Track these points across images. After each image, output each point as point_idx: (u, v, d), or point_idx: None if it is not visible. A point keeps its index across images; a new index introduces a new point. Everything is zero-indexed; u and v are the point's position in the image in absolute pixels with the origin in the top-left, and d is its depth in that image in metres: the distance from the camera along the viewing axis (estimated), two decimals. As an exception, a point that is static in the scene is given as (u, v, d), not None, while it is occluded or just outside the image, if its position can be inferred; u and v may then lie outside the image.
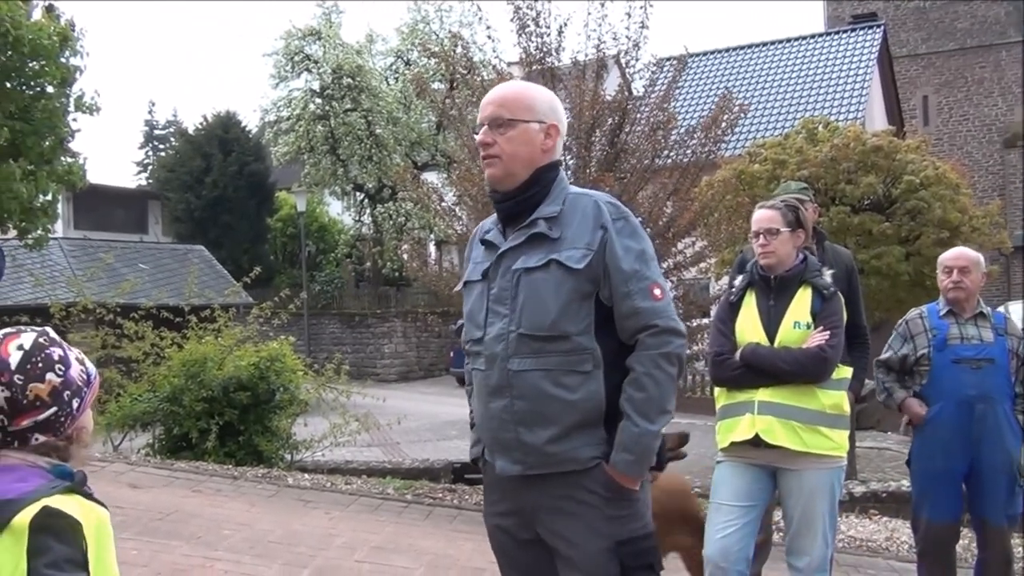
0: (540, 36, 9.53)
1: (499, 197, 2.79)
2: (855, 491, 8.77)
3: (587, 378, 2.63)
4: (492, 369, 2.70)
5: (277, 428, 9.26)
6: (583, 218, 2.69)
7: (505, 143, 2.72)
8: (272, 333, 10.20)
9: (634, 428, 2.61)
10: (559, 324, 2.62)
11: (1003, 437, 5.09)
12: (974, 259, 5.28)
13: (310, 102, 31.36)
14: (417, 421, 17.81)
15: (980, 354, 5.09)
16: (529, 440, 2.65)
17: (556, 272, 2.64)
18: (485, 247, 2.83)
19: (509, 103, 2.76)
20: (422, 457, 11.94)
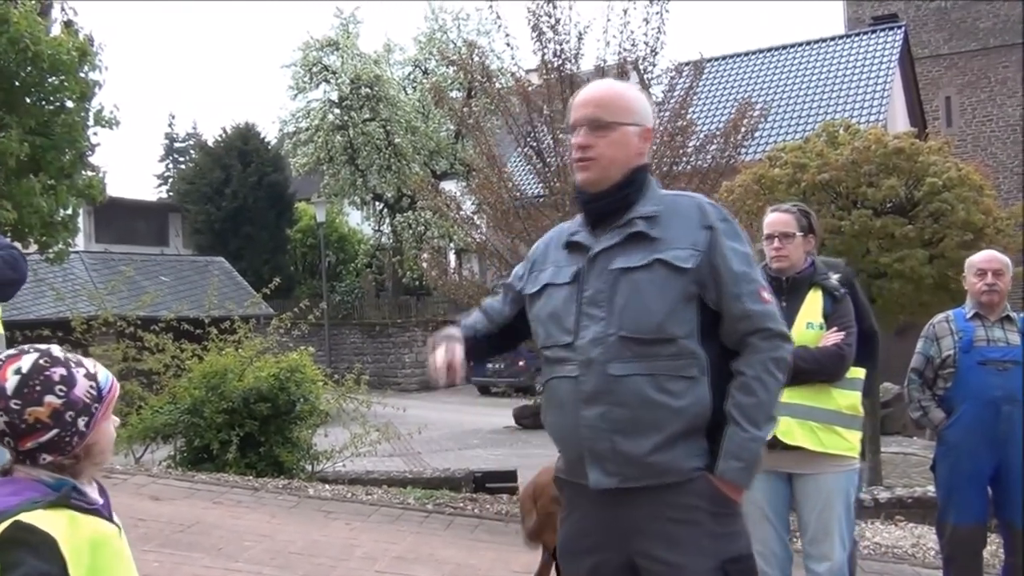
0: (559, 43, 9.55)
1: (588, 197, 2.68)
2: (880, 497, 8.71)
3: (693, 384, 2.50)
4: (587, 374, 2.52)
5: (298, 439, 9.29)
6: (685, 219, 2.60)
7: (605, 146, 2.62)
8: (292, 344, 10.23)
9: (743, 434, 2.49)
10: (665, 326, 2.49)
11: (1030, 439, 5.07)
12: (1006, 262, 5.31)
13: (328, 112, 31.53)
14: (438, 431, 17.81)
15: (1006, 356, 5.10)
16: (627, 449, 2.48)
17: (661, 272, 2.52)
18: (571, 249, 2.70)
19: (608, 104, 2.66)
20: (443, 467, 11.93)
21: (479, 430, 19.83)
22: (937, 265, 9.99)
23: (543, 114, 9.58)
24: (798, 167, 10.50)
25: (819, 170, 10.29)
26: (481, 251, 10.40)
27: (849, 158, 10.26)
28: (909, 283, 10.02)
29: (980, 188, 10.43)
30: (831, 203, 10.33)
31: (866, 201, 10.16)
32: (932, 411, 5.27)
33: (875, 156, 10.21)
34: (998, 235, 10.30)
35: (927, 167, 10.26)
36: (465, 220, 10.57)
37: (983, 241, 10.00)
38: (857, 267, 10.13)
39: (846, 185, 10.30)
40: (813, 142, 11.12)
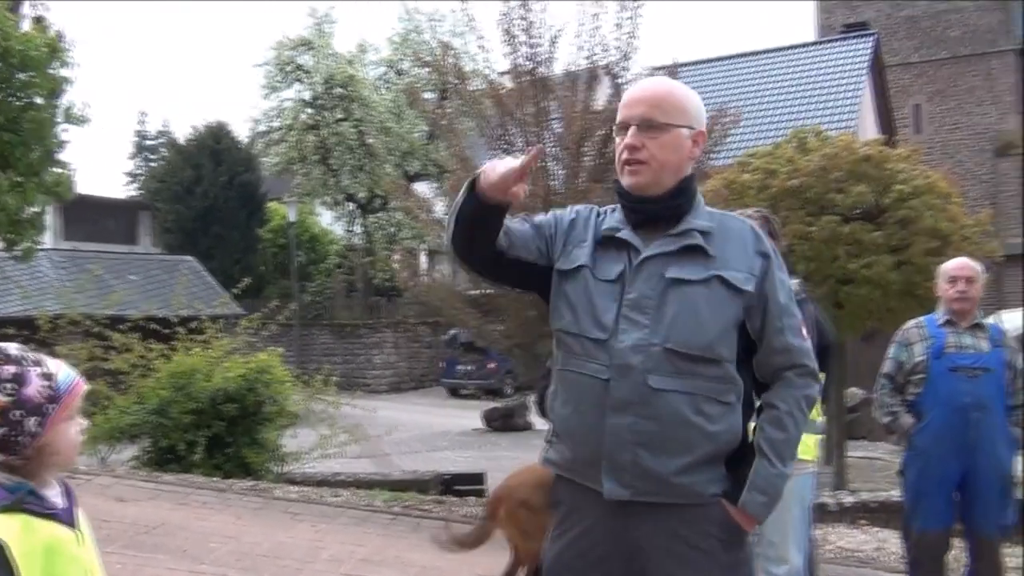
0: (532, 46, 9.54)
1: (637, 200, 2.53)
2: (845, 501, 8.78)
3: (729, 410, 2.43)
4: (623, 381, 2.39)
5: (265, 440, 9.25)
6: (740, 241, 2.51)
7: (657, 149, 2.48)
8: (261, 344, 10.19)
9: (772, 469, 2.44)
10: (715, 346, 2.40)
11: (996, 446, 5.13)
12: (977, 269, 5.36)
13: (301, 112, 31.41)
14: (407, 432, 17.79)
15: (976, 363, 5.15)
16: (651, 466, 2.38)
17: (719, 290, 2.43)
18: (613, 245, 2.53)
19: (663, 104, 2.51)
20: (411, 469, 11.92)
21: (448, 432, 19.81)
22: (904, 271, 10.07)
23: (515, 117, 9.57)
24: (768, 173, 10.57)
25: (789, 176, 10.36)
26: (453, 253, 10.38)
27: (819, 164, 10.33)
28: (876, 289, 10.10)
29: (947, 196, 10.53)
30: (800, 209, 10.38)
31: (835, 207, 10.23)
32: (902, 416, 5.31)
33: (844, 163, 10.29)
34: (964, 242, 10.39)
35: (895, 174, 10.34)
36: (436, 222, 10.55)
37: (950, 248, 10.08)
38: (825, 273, 10.21)
39: (815, 191, 10.36)
40: (783, 148, 11.20)
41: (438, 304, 9.78)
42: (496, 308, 9.50)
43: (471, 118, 10.55)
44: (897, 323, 8.69)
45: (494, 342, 9.92)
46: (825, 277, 10.18)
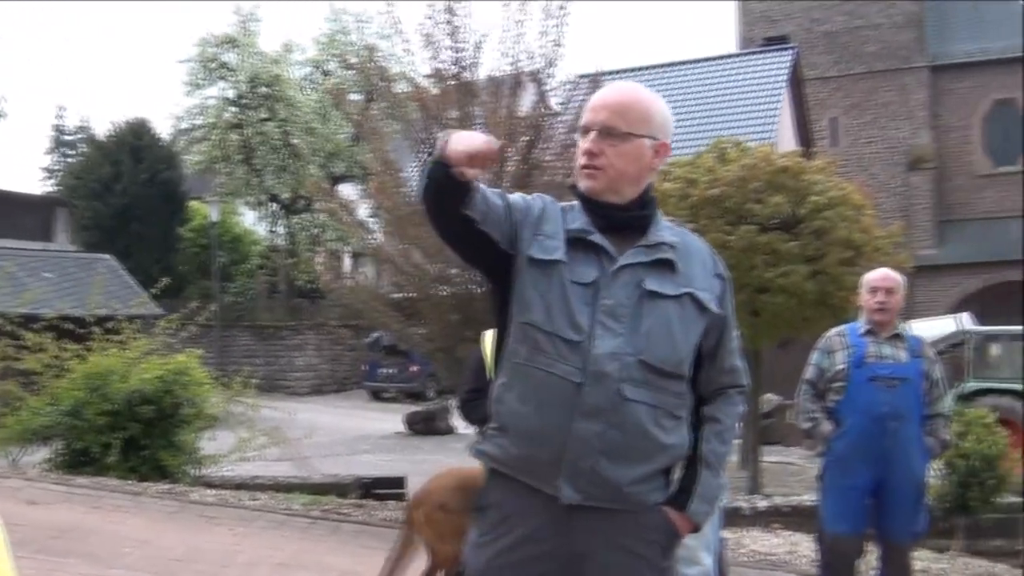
0: (456, 51, 9.55)
1: (601, 206, 2.48)
2: (759, 505, 8.93)
3: (680, 424, 2.47)
4: (597, 387, 2.35)
5: (182, 443, 9.10)
6: (701, 261, 2.53)
7: (615, 157, 2.46)
8: (180, 345, 10.03)
9: (715, 480, 2.53)
10: (683, 363, 2.44)
11: (911, 456, 5.26)
12: (898, 281, 5.47)
13: (225, 110, 31.00)
14: (328, 435, 17.64)
15: (895, 373, 5.25)
16: (608, 475, 2.36)
17: (690, 308, 2.45)
18: (585, 247, 2.45)
19: (626, 112, 2.49)
20: (332, 472, 11.83)
21: (369, 435, 19.70)
22: (819, 281, 10.29)
23: (440, 121, 9.58)
24: (689, 182, 10.72)
25: (709, 185, 10.52)
26: (376, 256, 10.35)
27: (738, 175, 10.51)
28: (792, 298, 10.30)
29: (861, 207, 10.78)
30: (720, 218, 10.55)
31: (753, 217, 10.41)
32: (822, 423, 5.41)
33: (762, 173, 10.48)
34: (876, 253, 10.65)
35: (811, 185, 10.56)
36: (360, 224, 10.50)
37: (862, 259, 10.33)
38: (743, 281, 10.37)
39: (734, 201, 10.54)
40: (704, 158, 11.37)
41: (361, 307, 9.73)
42: (418, 311, 9.49)
43: (396, 121, 10.52)
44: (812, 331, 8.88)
45: (416, 345, 9.90)
46: (743, 286, 10.34)
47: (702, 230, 10.08)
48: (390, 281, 10.43)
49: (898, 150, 36.04)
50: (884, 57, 36.34)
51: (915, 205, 35.08)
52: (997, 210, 35.31)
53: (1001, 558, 8.73)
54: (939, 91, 36.31)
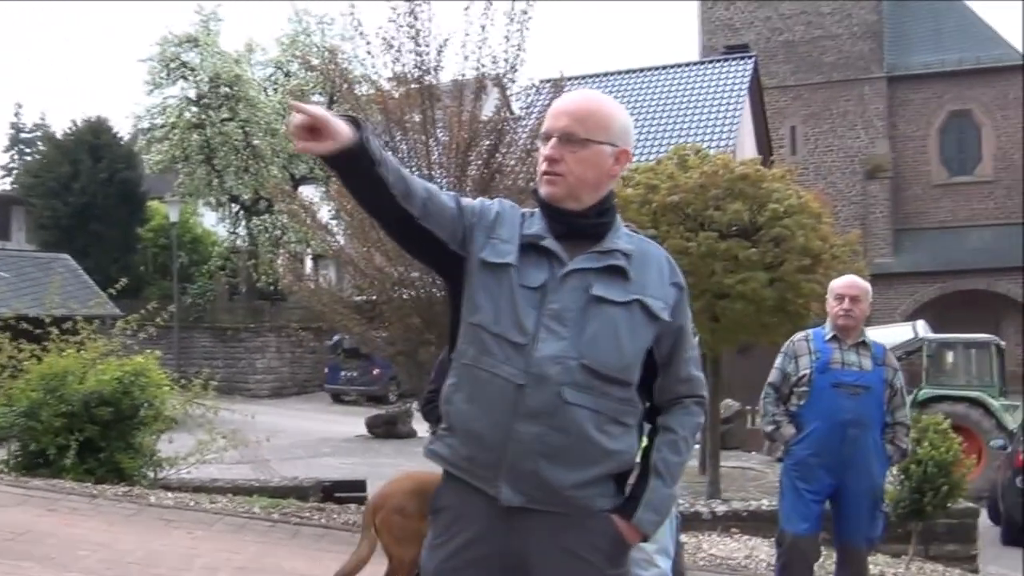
0: (419, 54, 9.54)
1: (560, 212, 2.51)
2: (717, 510, 8.98)
3: (628, 431, 2.46)
4: (538, 390, 2.37)
5: (140, 445, 9.01)
6: (657, 269, 2.54)
7: (575, 163, 2.47)
8: (139, 347, 9.92)
9: (665, 490, 2.52)
10: (628, 370, 2.44)
11: (870, 463, 5.33)
12: (865, 288, 5.52)
13: (186, 110, 30.73)
14: (289, 438, 17.55)
15: (858, 381, 5.32)
16: (549, 478, 2.37)
17: (639, 315, 2.45)
18: (536, 251, 2.48)
19: (587, 119, 2.50)
20: (292, 475, 11.76)
21: (330, 438, 19.61)
22: (777, 288, 10.38)
23: (402, 125, 9.56)
24: (650, 188, 10.77)
25: (669, 192, 10.58)
26: (337, 258, 10.30)
27: (698, 181, 10.58)
28: (751, 304, 10.38)
29: (818, 216, 10.89)
30: (680, 224, 10.62)
31: (713, 224, 10.48)
32: (784, 426, 5.46)
33: (722, 180, 10.55)
34: (834, 261, 10.76)
35: (770, 193, 10.65)
36: (321, 226, 10.45)
37: (820, 266, 10.43)
38: (703, 287, 10.45)
39: (694, 207, 10.61)
40: (664, 164, 11.44)
41: (322, 309, 9.67)
42: (380, 315, 9.47)
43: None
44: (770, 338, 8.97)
45: (378, 348, 9.87)
46: (702, 291, 10.42)
47: (663, 236, 10.18)
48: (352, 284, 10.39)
49: (856, 159, 36.50)
50: (842, 67, 36.79)
51: (872, 214, 35.55)
52: (952, 220, 35.90)
53: (955, 563, 8.88)
54: (896, 101, 36.83)
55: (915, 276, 34.49)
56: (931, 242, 35.18)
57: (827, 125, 36.96)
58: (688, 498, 9.99)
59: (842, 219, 31.64)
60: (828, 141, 36.94)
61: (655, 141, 25.76)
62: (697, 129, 25.97)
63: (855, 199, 36.12)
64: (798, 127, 37.27)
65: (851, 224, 31.76)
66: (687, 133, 25.48)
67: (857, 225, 31.70)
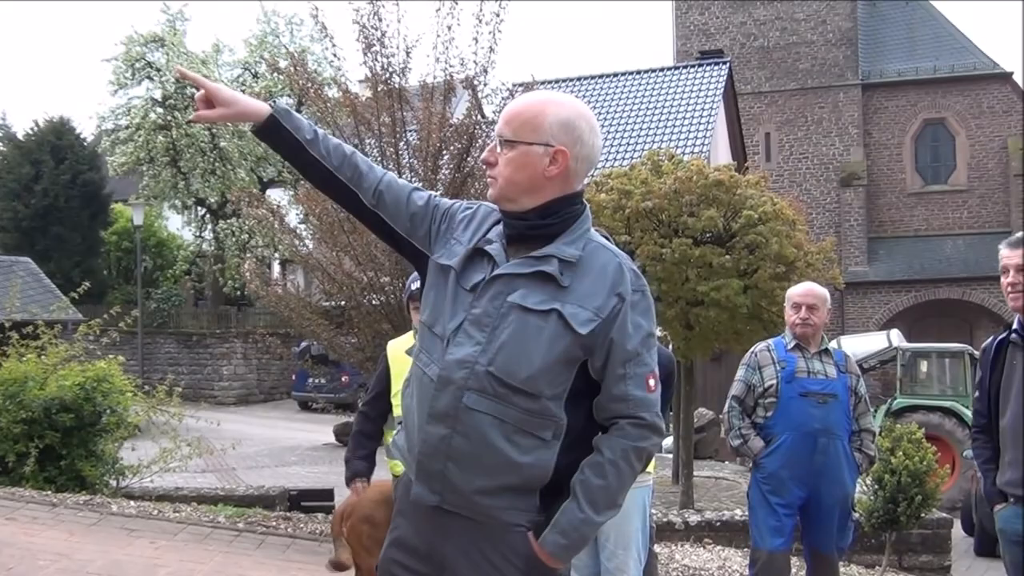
0: (386, 56, 9.54)
1: (509, 215, 2.52)
2: (690, 520, 9.02)
3: (542, 446, 2.39)
4: (443, 392, 2.41)
5: (102, 452, 8.93)
6: (600, 276, 2.45)
7: (503, 165, 2.48)
8: (101, 352, 9.86)
9: (579, 514, 2.39)
10: (535, 381, 2.37)
11: (841, 471, 5.36)
12: (822, 296, 5.53)
13: (151, 111, 30.54)
14: (255, 446, 17.48)
15: (826, 389, 5.35)
16: (456, 480, 2.40)
17: (555, 325, 2.38)
18: (480, 254, 2.51)
19: (514, 120, 2.50)
20: (258, 484, 11.70)
21: (297, 447, 19.52)
22: (751, 295, 10.42)
23: (371, 127, 9.55)
24: (623, 193, 10.79)
25: (643, 198, 10.60)
26: (306, 263, 10.27)
27: (672, 187, 10.60)
28: (725, 311, 10.41)
29: (793, 223, 10.94)
30: (654, 231, 10.64)
31: (687, 230, 10.51)
32: (752, 440, 5.45)
33: (696, 187, 10.58)
34: (808, 268, 10.81)
35: (744, 200, 10.69)
36: (289, 231, 10.42)
37: (794, 274, 10.48)
38: (677, 294, 10.49)
39: (668, 213, 10.63)
40: (638, 170, 11.45)
41: (289, 315, 9.65)
42: (349, 320, 9.45)
43: (327, 126, 10.47)
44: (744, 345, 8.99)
45: (346, 355, 9.85)
46: (676, 299, 10.46)
47: (636, 242, 10.22)
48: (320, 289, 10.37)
49: (830, 166, 36.75)
50: (817, 74, 37.05)
51: (847, 222, 35.80)
52: (927, 228, 36.22)
53: (929, 573, 8.95)
54: (871, 109, 37.14)
55: (889, 285, 34.78)
56: (906, 250, 35.50)
57: (802, 132, 37.21)
58: (661, 508, 10.02)
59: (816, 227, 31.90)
60: (802, 148, 37.19)
61: (629, 146, 25.88)
62: (671, 134, 26.10)
63: (829, 207, 36.37)
64: (772, 133, 37.50)
65: (825, 232, 32.00)
66: (661, 138, 25.60)
67: (832, 233, 31.95)
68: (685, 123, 26.69)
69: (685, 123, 26.69)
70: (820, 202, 36.17)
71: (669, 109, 27.50)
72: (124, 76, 30.67)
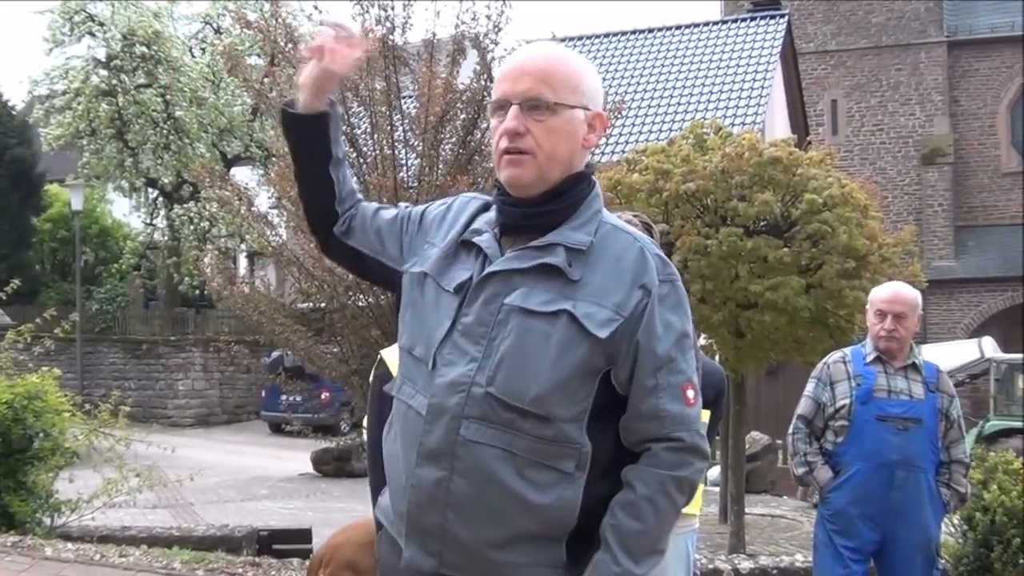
0: (383, 8, 9.55)
1: (511, 200, 2.44)
2: (741, 567, 8.99)
3: (565, 480, 2.28)
4: (435, 424, 2.31)
5: (34, 485, 8.97)
6: (618, 265, 2.35)
7: (544, 136, 2.36)
8: (33, 363, 9.90)
9: (614, 567, 2.27)
10: (547, 401, 2.26)
11: (923, 511, 5.29)
12: (912, 302, 5.43)
13: (92, 74, 30.63)
14: (217, 476, 17.52)
15: (908, 412, 5.27)
16: (460, 534, 2.28)
17: (566, 330, 2.28)
18: (466, 248, 2.44)
19: (554, 78, 2.38)
20: (220, 522, 11.72)
21: (268, 477, 19.57)
22: (814, 295, 10.39)
23: (360, 94, 9.56)
24: (660, 173, 10.76)
25: (684, 178, 10.57)
26: (278, 256, 10.31)
27: (719, 166, 10.56)
28: (783, 315, 10.37)
29: (865, 208, 10.90)
30: (697, 218, 10.61)
31: (737, 217, 10.47)
32: (819, 469, 5.41)
33: (748, 165, 10.54)
34: (883, 263, 10.77)
35: (806, 181, 10.66)
36: (259, 217, 10.44)
37: (866, 270, 10.45)
38: (724, 295, 10.45)
39: (714, 198, 10.60)
40: (678, 145, 11.43)
41: (259, 319, 9.68)
42: (330, 326, 9.46)
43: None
44: (806, 356, 8.96)
45: (327, 367, 9.87)
46: (724, 300, 10.41)
47: (676, 232, 10.19)
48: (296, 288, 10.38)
49: (910, 141, 36.66)
50: (894, 30, 36.95)
51: (929, 207, 35.71)
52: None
53: (1029, 630, 8.90)
54: (958, 71, 37.03)
55: (981, 283, 34.69)
56: (1000, 242, 35.35)
57: (875, 99, 37.13)
58: (707, 552, 9.99)
59: (893, 213, 31.85)
60: (877, 118, 37.11)
61: (667, 116, 25.84)
62: (718, 103, 26.04)
63: (909, 189, 36.31)
64: (840, 101, 37.43)
65: (904, 219, 31.96)
66: (706, 107, 25.55)
67: (911, 220, 31.87)
68: (735, 89, 26.62)
69: (735, 89, 26.62)
70: (897, 183, 36.11)
71: (715, 72, 27.42)
72: (61, 32, 30.76)
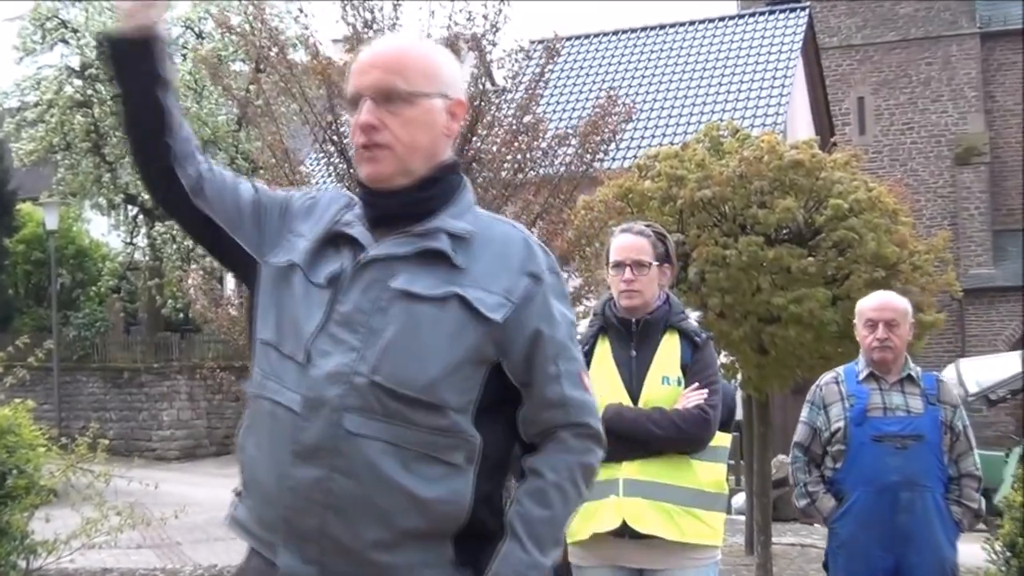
0: (369, 9, 9.58)
1: (374, 196, 2.49)
2: (768, 601, 8.98)
3: (453, 473, 2.32)
4: (313, 419, 2.30)
5: (8, 525, 8.95)
6: (503, 254, 2.44)
7: (400, 127, 2.41)
8: (5, 395, 9.90)
9: (523, 556, 2.33)
10: (438, 388, 2.31)
11: (934, 532, 5.29)
12: (902, 309, 5.47)
13: (66, 83, 30.69)
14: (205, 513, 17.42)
15: (906, 429, 5.28)
16: (341, 536, 2.28)
17: (457, 314, 2.34)
18: (337, 242, 2.47)
19: (406, 68, 2.44)
20: (209, 562, 11.72)
21: (259, 512, 19.53)
22: (842, 308, 10.35)
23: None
24: (674, 180, 10.75)
25: (699, 185, 10.56)
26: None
27: (736, 171, 10.56)
28: (808, 330, 10.35)
29: (895, 213, 10.89)
30: (715, 227, 10.60)
31: (757, 225, 10.46)
32: (821, 498, 5.43)
33: (768, 169, 10.54)
34: (915, 272, 10.74)
35: (831, 185, 10.64)
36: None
37: (897, 279, 10.42)
38: (745, 308, 10.43)
39: (732, 205, 10.59)
40: (693, 149, 11.42)
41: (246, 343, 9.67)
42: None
43: (292, 99, 10.51)
44: (833, 373, 8.90)
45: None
46: (745, 314, 10.39)
47: (692, 242, 10.18)
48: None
49: (942, 140, 36.63)
50: (923, 21, 36.95)
51: (965, 210, 35.67)
52: (1069, 218, 36.01)
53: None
54: (993, 65, 37.02)
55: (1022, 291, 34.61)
56: (1042, 247, 35.32)
57: (904, 96, 37.12)
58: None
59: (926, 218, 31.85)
60: (907, 116, 37.09)
61: (681, 119, 25.82)
62: (735, 103, 26.02)
63: (943, 192, 36.27)
64: (867, 98, 37.43)
65: (938, 224, 31.90)
66: (723, 107, 25.53)
67: (946, 225, 31.83)
68: (753, 88, 26.61)
69: (753, 88, 26.61)
70: (930, 186, 36.09)
71: (732, 70, 27.41)
72: (32, 39, 30.84)
